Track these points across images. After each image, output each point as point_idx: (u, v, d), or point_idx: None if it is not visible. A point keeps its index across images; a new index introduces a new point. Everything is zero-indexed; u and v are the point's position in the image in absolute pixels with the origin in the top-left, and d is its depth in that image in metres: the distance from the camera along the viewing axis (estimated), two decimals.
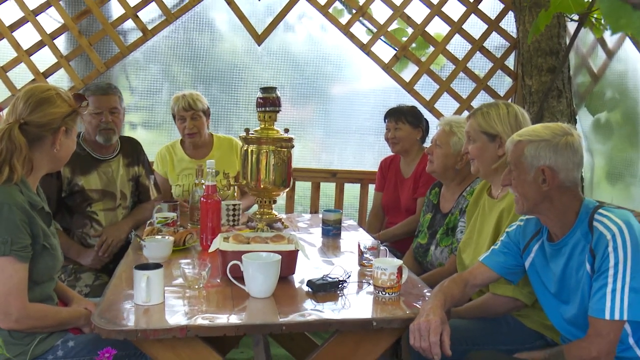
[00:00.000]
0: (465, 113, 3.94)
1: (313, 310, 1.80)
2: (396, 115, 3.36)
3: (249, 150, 2.73)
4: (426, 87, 4.00)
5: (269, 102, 2.73)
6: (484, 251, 2.06)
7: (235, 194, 3.36)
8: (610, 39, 3.56)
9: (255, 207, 2.90)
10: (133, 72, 4.07)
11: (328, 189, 4.15)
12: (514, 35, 3.97)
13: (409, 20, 3.94)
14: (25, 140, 1.82)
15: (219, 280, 2.04)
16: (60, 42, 3.85)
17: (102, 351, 1.20)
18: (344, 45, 4.01)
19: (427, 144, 3.18)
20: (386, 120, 3.42)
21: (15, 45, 3.70)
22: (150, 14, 3.89)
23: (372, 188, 3.85)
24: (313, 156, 4.25)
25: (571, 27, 3.74)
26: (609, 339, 1.66)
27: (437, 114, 3.90)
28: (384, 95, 4.09)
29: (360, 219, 4.03)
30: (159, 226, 2.56)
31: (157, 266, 1.82)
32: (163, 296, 1.82)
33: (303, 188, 4.16)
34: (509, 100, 3.94)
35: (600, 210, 1.76)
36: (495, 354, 1.82)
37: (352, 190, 4.16)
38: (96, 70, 3.78)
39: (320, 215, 2.91)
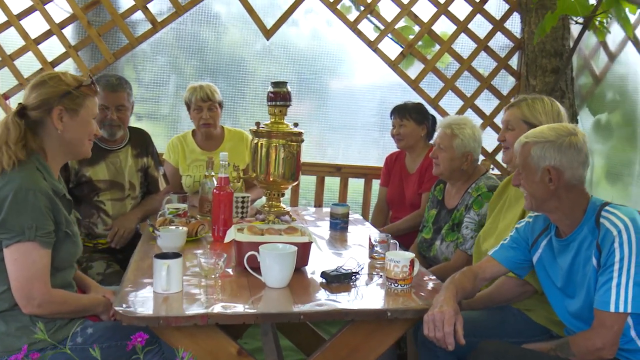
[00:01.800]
0: (469, 111, 3.99)
1: (327, 300, 1.85)
2: (401, 112, 3.40)
3: (259, 144, 2.76)
4: (431, 84, 4.04)
5: (279, 97, 2.75)
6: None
7: (243, 187, 3.39)
8: (612, 42, 3.63)
9: (263, 199, 2.93)
10: (140, 63, 4.08)
11: (332, 183, 4.18)
12: (518, 35, 4.02)
13: (416, 19, 3.98)
14: (25, 124, 1.86)
15: (231, 271, 2.07)
16: (67, 32, 3.83)
17: (135, 335, 1.24)
18: (350, 41, 4.03)
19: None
20: (392, 117, 3.46)
21: (23, 33, 3.71)
22: (158, 6, 3.90)
23: (375, 183, 3.88)
24: (318, 151, 4.28)
25: (575, 29, 3.79)
26: (613, 330, 1.73)
27: (442, 112, 3.94)
28: (390, 92, 4.13)
29: (364, 213, 4.05)
30: (171, 217, 2.58)
31: (176, 255, 1.85)
32: (182, 285, 1.85)
33: (308, 182, 4.18)
34: (511, 100, 3.99)
35: (607, 208, 1.82)
36: (505, 344, 1.88)
37: (356, 185, 4.18)
38: (104, 61, 3.79)
39: (326, 209, 2.94)
